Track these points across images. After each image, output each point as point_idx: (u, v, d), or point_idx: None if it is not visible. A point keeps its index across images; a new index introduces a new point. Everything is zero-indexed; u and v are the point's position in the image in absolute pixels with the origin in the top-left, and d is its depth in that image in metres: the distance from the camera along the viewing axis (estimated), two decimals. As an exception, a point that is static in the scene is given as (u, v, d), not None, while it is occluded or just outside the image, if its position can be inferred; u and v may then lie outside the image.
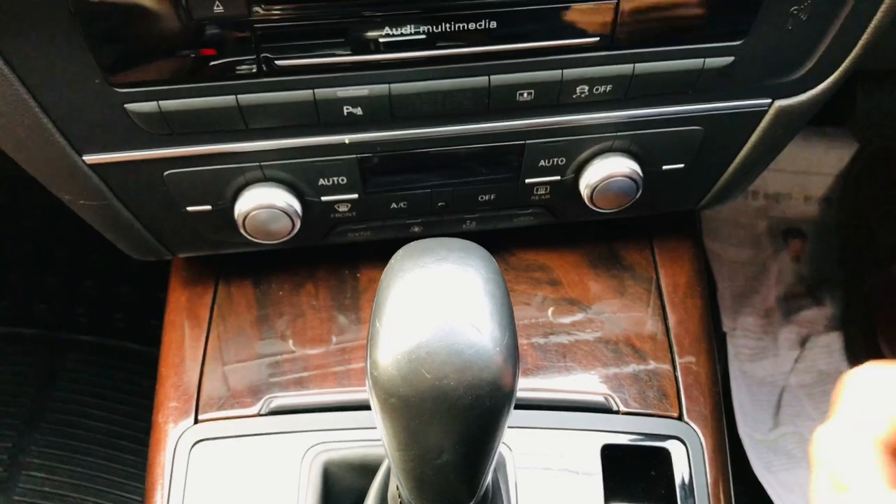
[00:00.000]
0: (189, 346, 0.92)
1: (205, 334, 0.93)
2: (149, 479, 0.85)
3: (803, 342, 2.02)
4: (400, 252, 0.64)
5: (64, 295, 2.04)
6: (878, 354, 1.95)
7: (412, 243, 0.65)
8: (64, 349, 1.95)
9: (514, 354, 0.61)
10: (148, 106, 0.73)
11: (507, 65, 0.75)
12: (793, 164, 2.24)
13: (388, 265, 0.64)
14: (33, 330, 1.98)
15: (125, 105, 0.73)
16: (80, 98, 0.72)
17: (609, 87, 0.78)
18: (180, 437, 0.85)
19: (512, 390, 0.60)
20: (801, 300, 2.10)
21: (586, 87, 0.78)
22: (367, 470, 0.82)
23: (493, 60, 0.75)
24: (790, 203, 2.24)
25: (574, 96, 0.79)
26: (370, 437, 0.84)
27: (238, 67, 0.71)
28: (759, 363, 2.01)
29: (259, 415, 0.91)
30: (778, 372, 1.99)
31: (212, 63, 0.71)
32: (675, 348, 0.92)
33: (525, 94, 0.78)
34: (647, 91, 0.80)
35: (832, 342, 2.03)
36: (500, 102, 0.78)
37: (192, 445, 0.84)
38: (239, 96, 0.74)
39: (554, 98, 0.79)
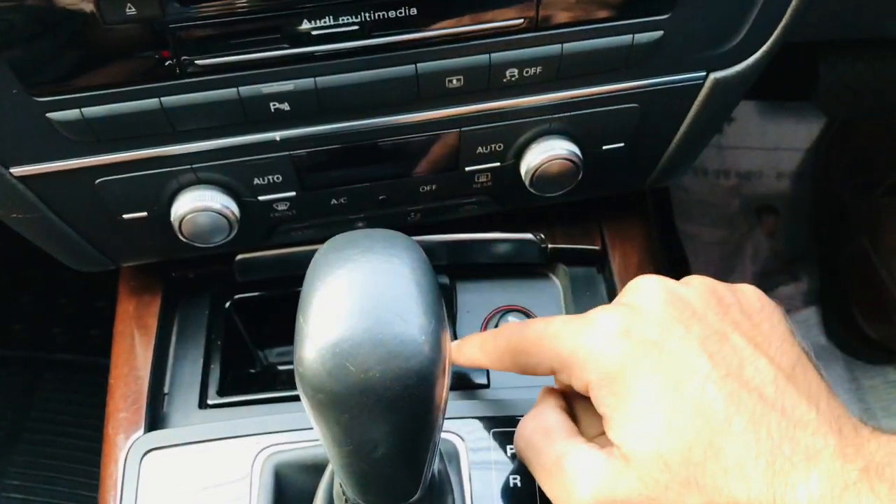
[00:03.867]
0: (138, 355, 0.91)
1: (153, 342, 0.92)
2: (101, 492, 0.84)
3: (781, 319, 2.01)
4: (324, 245, 0.64)
5: (40, 314, 2.02)
6: (855, 328, 1.95)
7: (337, 236, 0.64)
8: (42, 368, 1.93)
9: (441, 341, 0.60)
10: (71, 114, 0.72)
11: (433, 51, 0.75)
12: (763, 141, 2.24)
13: (312, 259, 0.63)
14: (10, 351, 1.97)
15: (47, 114, 0.72)
16: (0, 109, 0.71)
17: (539, 69, 0.78)
18: (130, 447, 0.84)
19: (442, 377, 0.60)
20: (777, 277, 2.10)
21: (516, 71, 0.77)
22: (319, 470, 0.81)
23: (419, 48, 0.74)
24: (762, 180, 2.24)
25: (504, 80, 0.78)
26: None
27: (158, 69, 0.71)
28: (737, 341, 1.99)
29: (209, 407, 0.91)
30: (757, 349, 1.99)
31: (131, 66, 0.70)
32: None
33: (454, 81, 0.77)
34: (578, 71, 0.79)
35: (810, 317, 2.03)
36: (430, 90, 0.77)
37: (143, 455, 0.83)
38: (162, 99, 0.73)
39: (484, 83, 0.78)
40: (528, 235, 0.98)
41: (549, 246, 0.98)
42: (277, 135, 0.79)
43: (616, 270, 0.96)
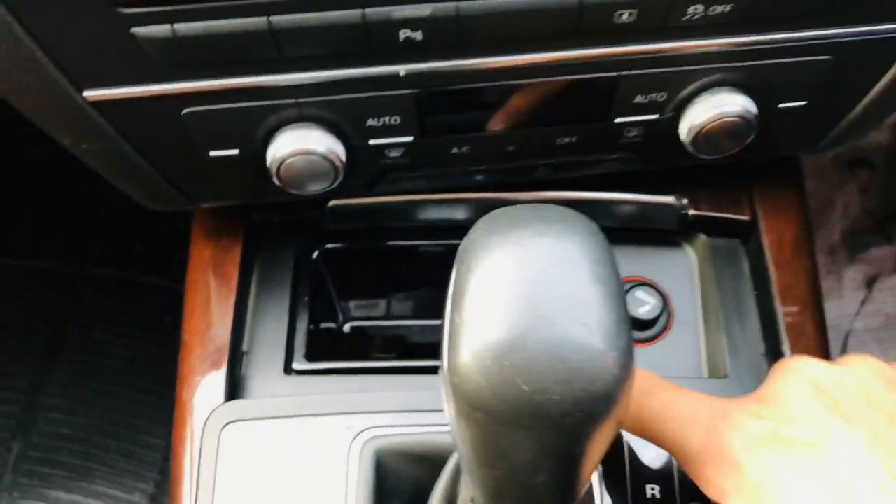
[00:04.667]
0: (216, 308, 0.80)
1: (234, 295, 0.81)
2: (174, 466, 0.74)
3: (870, 283, 1.88)
4: (482, 223, 0.51)
5: (80, 226, 1.92)
6: (953, 297, 1.81)
7: (497, 212, 0.52)
8: (81, 283, 1.84)
9: (631, 357, 0.48)
10: (159, 30, 0.59)
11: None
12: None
13: (466, 239, 0.51)
14: (49, 263, 1.87)
15: (131, 29, 0.59)
16: (76, 21, 0.58)
17: (729, 7, 0.63)
18: (208, 417, 0.74)
19: (627, 400, 0.48)
20: (868, 237, 1.94)
21: (701, 7, 0.63)
22: (425, 461, 0.71)
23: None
24: (859, 130, 2.06)
25: (684, 18, 0.63)
26: (429, 420, 0.72)
27: (269, -19, 0.57)
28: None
29: (295, 373, 0.80)
30: (843, 315, 1.86)
31: (237, -27, 0.56)
32: (781, 324, 0.79)
33: (625, 15, 0.62)
34: (773, 11, 0.64)
35: (903, 283, 1.89)
36: (594, 24, 0.63)
37: (223, 427, 0.73)
38: (272, 17, 0.59)
39: (660, 19, 0.63)
40: (669, 199, 0.84)
41: (691, 213, 0.84)
42: (402, 68, 0.65)
43: (767, 246, 0.82)
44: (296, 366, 0.80)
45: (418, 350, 0.90)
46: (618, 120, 0.72)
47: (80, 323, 1.76)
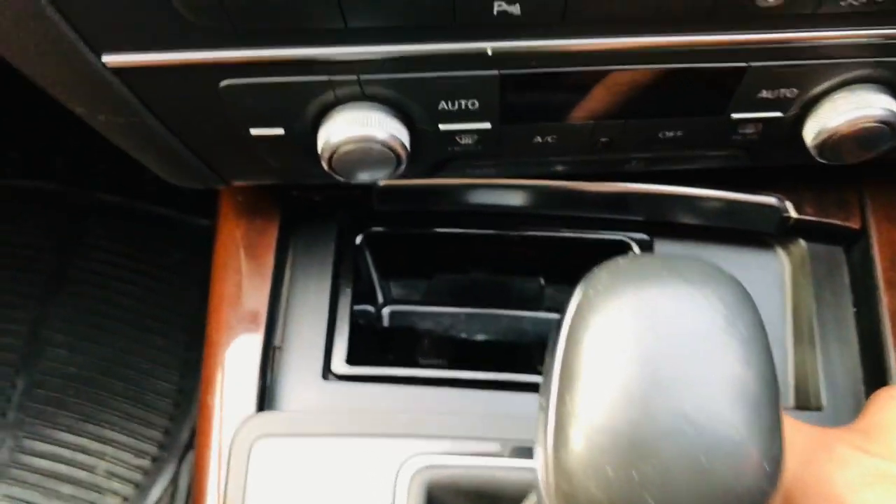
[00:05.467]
0: (248, 299, 0.70)
1: (269, 284, 0.71)
2: (198, 478, 0.66)
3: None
4: (602, 278, 0.41)
5: (88, 147, 1.79)
6: None
7: (620, 265, 0.42)
8: (88, 210, 1.73)
9: (782, 468, 0.40)
10: (198, -14, 0.47)
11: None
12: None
13: (581, 295, 0.41)
14: (54, 185, 1.76)
15: (163, -16, 0.47)
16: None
17: (898, -6, 0.51)
18: (238, 430, 0.65)
19: None
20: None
21: (864, -8, 0.51)
22: (484, 498, 0.62)
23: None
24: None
25: (842, 2, 0.52)
26: (487, 449, 0.64)
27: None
28: None
29: (335, 377, 0.71)
30: None
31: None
32: (890, 351, 0.69)
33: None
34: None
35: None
36: (730, 5, 0.51)
37: (253, 442, 0.64)
38: (337, -21, 0.48)
39: (811, 5, 0.52)
40: (770, 199, 0.73)
41: (794, 216, 0.73)
42: (489, 46, 0.54)
43: (878, 261, 0.72)
44: (335, 368, 0.71)
45: (470, 353, 0.81)
46: (735, 115, 0.61)
47: (85, 253, 1.66)
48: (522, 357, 0.81)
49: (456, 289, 0.86)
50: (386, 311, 0.85)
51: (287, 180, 0.68)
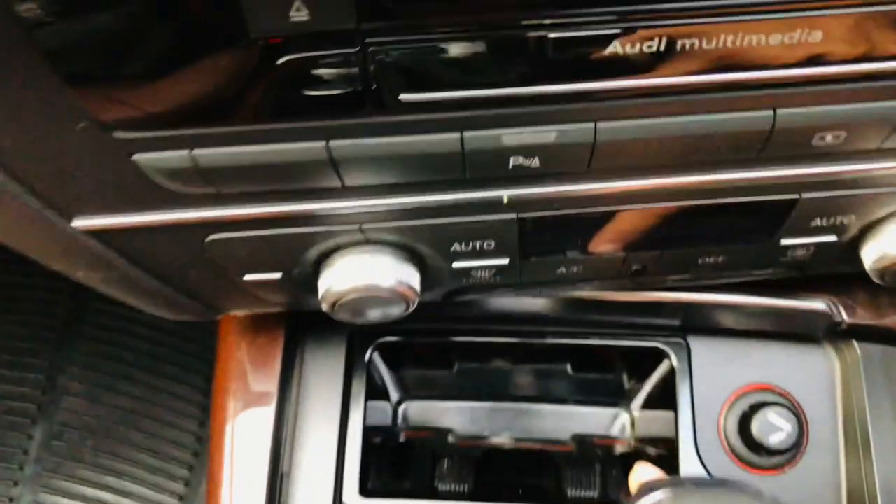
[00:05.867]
0: (253, 429, 0.65)
1: (274, 404, 0.66)
2: None
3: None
4: None
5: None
6: None
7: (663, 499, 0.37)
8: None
9: None
10: (173, 158, 0.42)
11: (804, 93, 0.41)
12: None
13: None
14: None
15: (132, 157, 0.42)
16: (56, 144, 0.41)
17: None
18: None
19: None
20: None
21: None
22: None
23: (782, 88, 0.41)
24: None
25: (909, 138, 0.45)
26: None
27: (333, 101, 0.39)
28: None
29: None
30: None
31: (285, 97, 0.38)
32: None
33: (829, 137, 0.44)
34: None
35: None
36: (784, 149, 0.45)
37: None
38: (332, 143, 0.42)
39: (875, 140, 0.45)
40: (818, 305, 0.67)
41: (847, 321, 0.67)
42: (506, 194, 0.48)
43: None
44: (348, 500, 0.66)
45: (495, 470, 0.75)
46: (785, 242, 0.54)
47: (101, 296, 1.60)
48: (550, 475, 0.76)
49: (478, 380, 0.80)
50: (402, 408, 0.80)
51: (291, 309, 0.63)
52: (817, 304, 0.67)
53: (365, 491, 0.66)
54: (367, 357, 0.71)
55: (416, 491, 0.70)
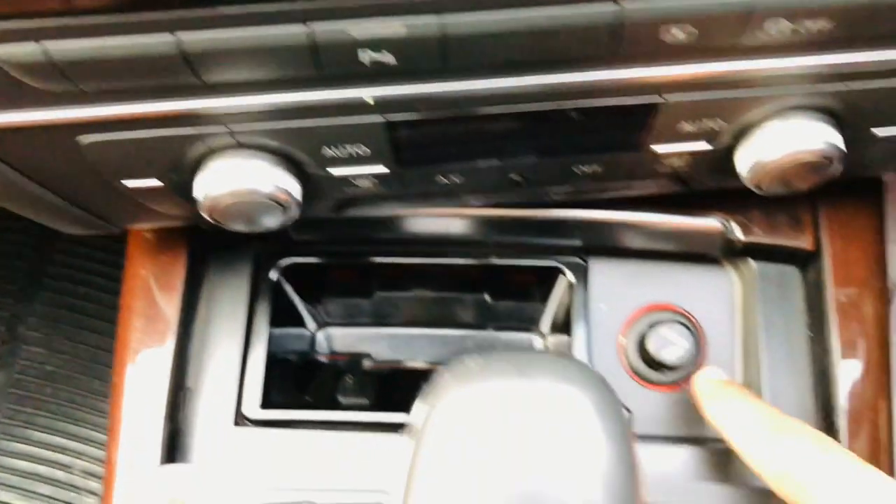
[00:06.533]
0: (155, 340, 0.67)
1: (176, 322, 0.67)
2: (104, 534, 0.63)
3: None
4: (448, 383, 0.38)
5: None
6: None
7: (466, 366, 0.38)
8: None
9: None
10: (25, 50, 0.42)
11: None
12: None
13: (424, 403, 0.37)
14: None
15: (-18, 46, 0.42)
16: None
17: (827, 25, 0.45)
18: (146, 485, 0.62)
19: None
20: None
21: (785, 24, 0.45)
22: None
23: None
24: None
25: (761, 35, 0.45)
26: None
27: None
28: None
29: (248, 423, 0.68)
30: None
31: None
32: (838, 385, 0.64)
33: (681, 33, 0.45)
34: (883, 27, 0.46)
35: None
36: (637, 45, 0.45)
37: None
38: (181, 35, 0.42)
39: (730, 39, 0.46)
40: (713, 222, 0.68)
41: (741, 239, 0.68)
42: (368, 94, 0.48)
43: (829, 282, 0.67)
44: (248, 413, 0.68)
45: (402, 388, 0.77)
46: (657, 149, 0.55)
47: (63, 249, 1.62)
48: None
49: (397, 309, 0.81)
50: (321, 335, 0.81)
51: (187, 223, 0.64)
52: (711, 222, 0.68)
53: (267, 402, 0.68)
54: (273, 277, 0.72)
55: (316, 403, 0.72)
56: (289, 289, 0.75)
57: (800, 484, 0.52)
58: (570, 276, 0.72)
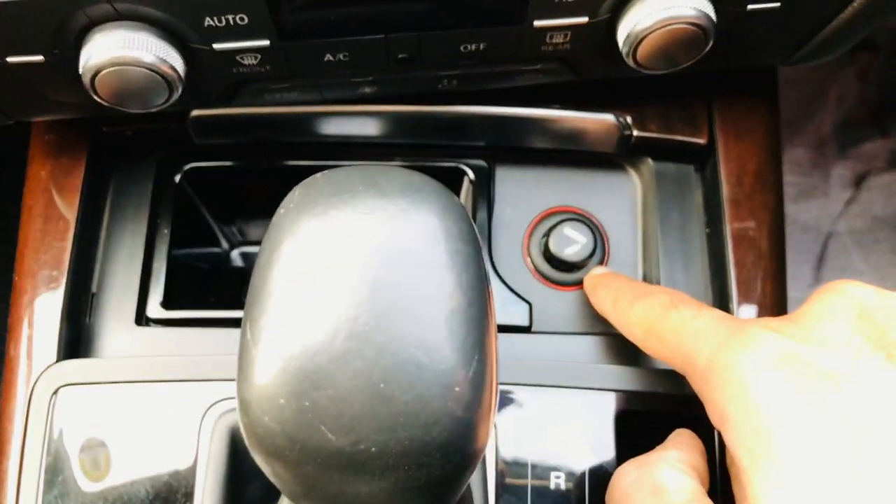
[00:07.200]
0: (54, 241, 0.66)
1: (74, 224, 0.67)
2: (2, 429, 0.63)
3: (859, 181, 1.73)
4: (296, 194, 0.38)
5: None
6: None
7: (318, 176, 0.38)
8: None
9: (484, 392, 0.36)
10: None
11: None
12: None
13: (274, 218, 0.38)
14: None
15: None
16: None
17: None
18: (38, 378, 0.62)
19: (481, 449, 0.37)
20: (862, 129, 1.78)
21: None
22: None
23: None
24: (862, 7, 1.85)
25: None
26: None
27: None
28: (803, 204, 1.73)
29: (149, 322, 0.68)
30: (825, 215, 1.72)
31: None
32: (731, 273, 0.66)
33: None
34: None
35: (894, 182, 1.74)
36: None
37: (55, 392, 0.61)
38: None
39: None
40: (607, 117, 0.69)
41: (636, 134, 0.69)
42: (238, -48, 0.49)
43: (724, 178, 0.68)
44: (150, 313, 0.68)
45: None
46: (537, 23, 0.56)
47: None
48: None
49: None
50: (235, 253, 0.82)
51: (79, 114, 0.64)
52: (607, 117, 0.69)
53: (170, 304, 0.68)
54: (176, 180, 0.72)
55: (220, 303, 0.72)
56: (196, 200, 0.75)
57: (659, 336, 0.55)
58: (471, 174, 0.73)
